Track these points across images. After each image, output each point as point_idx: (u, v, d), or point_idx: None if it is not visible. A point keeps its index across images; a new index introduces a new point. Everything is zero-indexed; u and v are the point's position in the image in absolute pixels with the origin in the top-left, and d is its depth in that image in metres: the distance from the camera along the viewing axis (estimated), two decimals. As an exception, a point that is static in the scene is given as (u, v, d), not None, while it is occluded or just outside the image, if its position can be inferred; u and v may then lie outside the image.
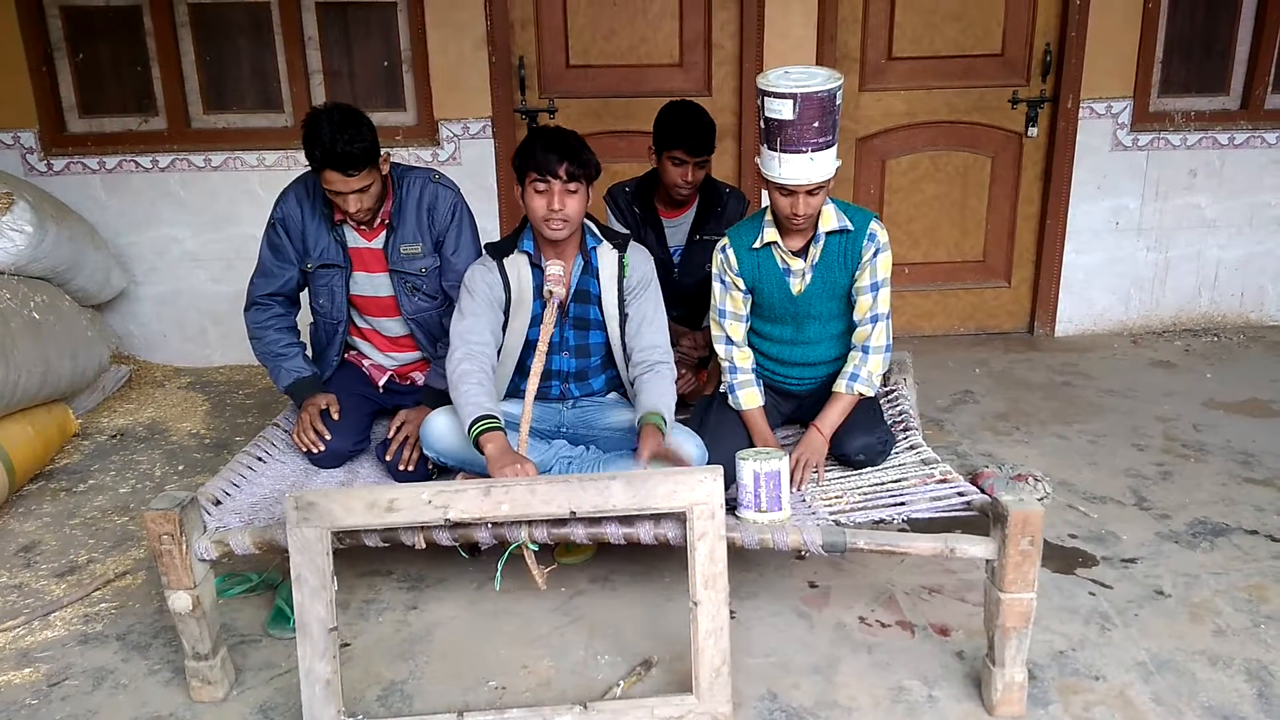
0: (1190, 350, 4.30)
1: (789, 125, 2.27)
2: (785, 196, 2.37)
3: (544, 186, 2.34)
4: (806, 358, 2.64)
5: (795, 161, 2.31)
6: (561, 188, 2.33)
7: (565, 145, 2.34)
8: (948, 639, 2.30)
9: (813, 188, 2.34)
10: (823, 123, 2.28)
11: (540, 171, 2.32)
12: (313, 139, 2.45)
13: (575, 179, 2.34)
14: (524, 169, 2.36)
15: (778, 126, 2.29)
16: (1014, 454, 3.27)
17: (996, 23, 4.17)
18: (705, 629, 1.94)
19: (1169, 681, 2.13)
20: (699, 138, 2.94)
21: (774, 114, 2.29)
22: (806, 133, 2.27)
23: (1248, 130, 4.31)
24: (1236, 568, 2.57)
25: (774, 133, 2.31)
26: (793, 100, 2.25)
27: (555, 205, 2.33)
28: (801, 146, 2.29)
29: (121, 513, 3.01)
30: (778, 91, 2.27)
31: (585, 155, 2.36)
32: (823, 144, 2.30)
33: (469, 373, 2.32)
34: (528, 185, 2.36)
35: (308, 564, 1.91)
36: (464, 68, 4.01)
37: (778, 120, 2.29)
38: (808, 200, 2.36)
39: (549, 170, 2.31)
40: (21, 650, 2.33)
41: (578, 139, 2.39)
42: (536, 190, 2.35)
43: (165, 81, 4.04)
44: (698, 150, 2.96)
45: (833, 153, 2.34)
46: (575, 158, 2.33)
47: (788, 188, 2.35)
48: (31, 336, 3.23)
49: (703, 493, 1.92)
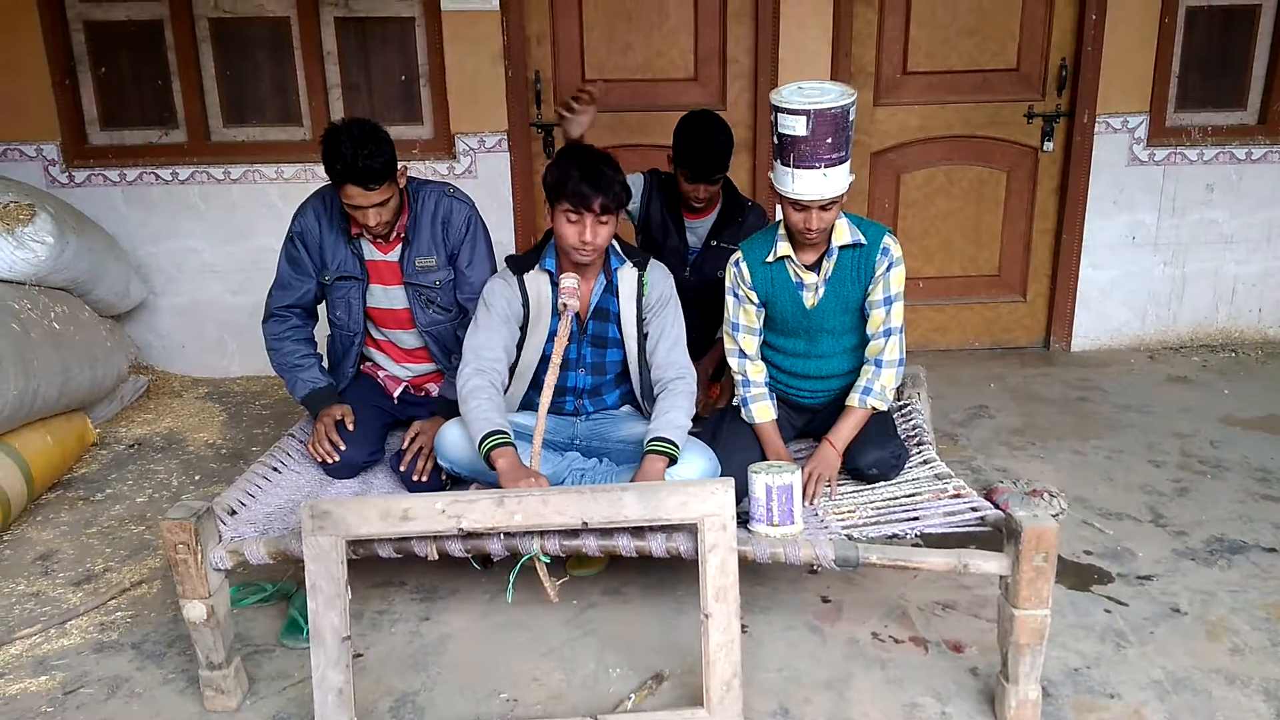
0: (1207, 366, 4.27)
1: (802, 141, 2.28)
2: (798, 212, 2.38)
3: (577, 218, 2.34)
4: (819, 371, 2.64)
5: (808, 177, 2.31)
6: (594, 220, 2.33)
7: (601, 178, 2.32)
8: (961, 655, 2.29)
9: (826, 203, 2.35)
10: (836, 139, 2.28)
11: (575, 204, 2.32)
12: (333, 154, 2.47)
13: (609, 211, 2.34)
14: (557, 196, 2.35)
15: (791, 142, 2.30)
16: (1029, 469, 3.26)
17: (1011, 38, 4.17)
18: (716, 642, 1.93)
19: (1185, 700, 2.11)
20: (705, 164, 2.95)
21: (787, 130, 2.30)
22: (820, 149, 2.28)
23: (1265, 145, 4.28)
24: (1254, 585, 2.55)
25: (787, 148, 2.32)
26: (806, 117, 2.25)
27: (587, 237, 2.34)
28: (815, 162, 2.29)
29: (138, 522, 3.04)
30: (791, 108, 2.27)
31: (619, 186, 2.35)
32: (836, 160, 2.30)
33: (479, 388, 2.33)
34: (559, 212, 2.36)
35: (323, 572, 1.93)
36: (480, 82, 4.04)
37: (791, 136, 2.29)
38: (821, 215, 2.37)
39: (584, 205, 2.31)
40: (38, 658, 2.35)
41: (610, 164, 2.38)
42: (569, 220, 2.35)
43: (185, 95, 4.09)
44: (702, 176, 2.96)
45: (846, 168, 2.35)
46: (609, 190, 2.32)
47: (801, 203, 2.35)
48: (51, 346, 3.27)
49: (714, 504, 1.93)
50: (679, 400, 2.44)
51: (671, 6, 4.08)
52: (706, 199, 3.04)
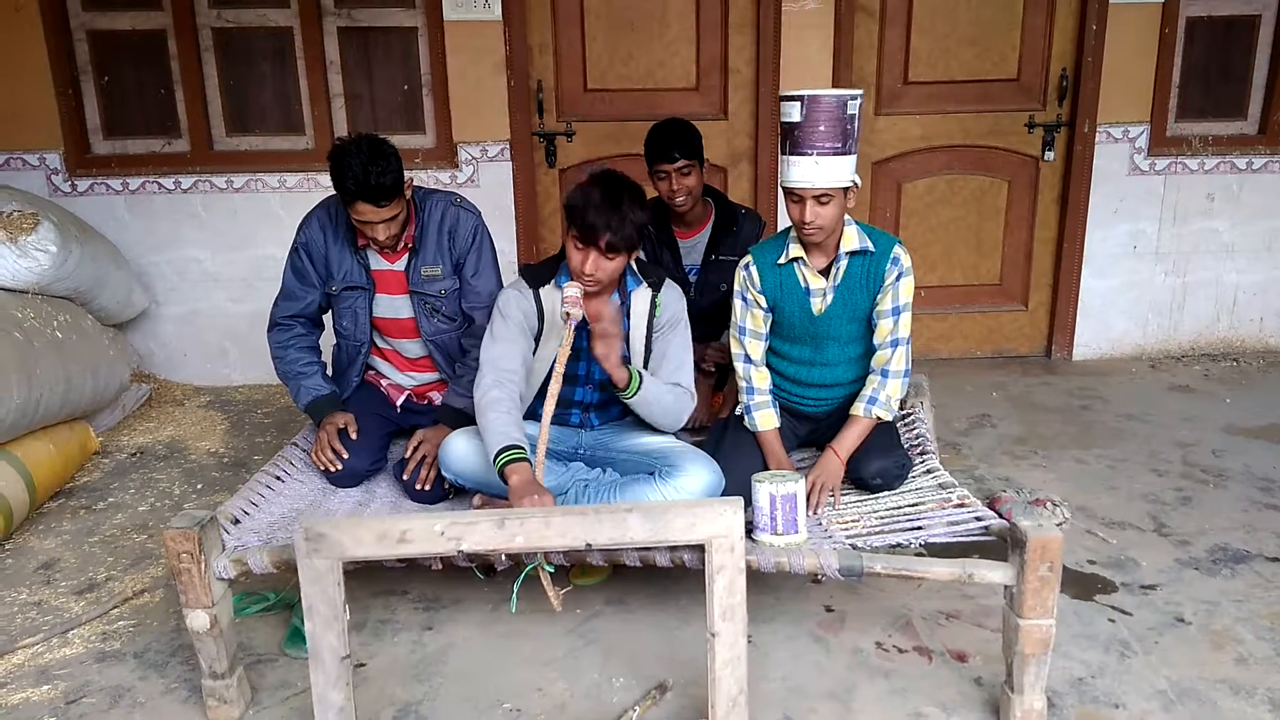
0: (1209, 375, 4.27)
1: (796, 128, 2.34)
2: (795, 204, 2.41)
3: (582, 247, 2.33)
4: (824, 379, 2.64)
5: (802, 164, 2.35)
6: (599, 254, 2.32)
7: (615, 215, 2.28)
8: (966, 665, 2.28)
9: (819, 194, 2.36)
10: (829, 128, 2.31)
11: (581, 235, 2.31)
12: (342, 172, 2.46)
13: (615, 251, 2.32)
14: (570, 220, 2.34)
15: (788, 129, 2.38)
16: (1032, 478, 3.26)
17: (1012, 48, 4.18)
18: (723, 659, 1.92)
19: (1190, 710, 2.10)
20: (667, 145, 2.97)
21: (785, 117, 2.38)
22: (812, 136, 2.33)
23: (1266, 155, 4.30)
24: (1258, 595, 2.54)
25: (785, 136, 2.39)
26: (800, 103, 2.33)
27: (589, 269, 2.33)
28: (807, 149, 2.33)
29: (140, 531, 3.03)
30: (789, 94, 2.38)
31: (632, 227, 2.31)
32: (829, 150, 2.33)
33: (498, 400, 2.30)
34: (570, 236, 2.35)
35: (319, 595, 1.90)
36: (483, 92, 4.05)
37: (788, 123, 2.37)
38: (815, 208, 2.37)
39: (590, 240, 2.30)
40: (40, 667, 2.34)
41: (634, 200, 2.33)
42: (575, 246, 2.34)
43: (189, 104, 4.10)
44: (668, 156, 2.97)
45: (843, 163, 2.35)
46: (620, 230, 2.28)
47: (795, 192, 2.39)
48: (54, 355, 3.27)
49: (722, 525, 1.89)
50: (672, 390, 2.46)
51: (673, 16, 4.10)
52: (685, 195, 3.04)
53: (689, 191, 3.04)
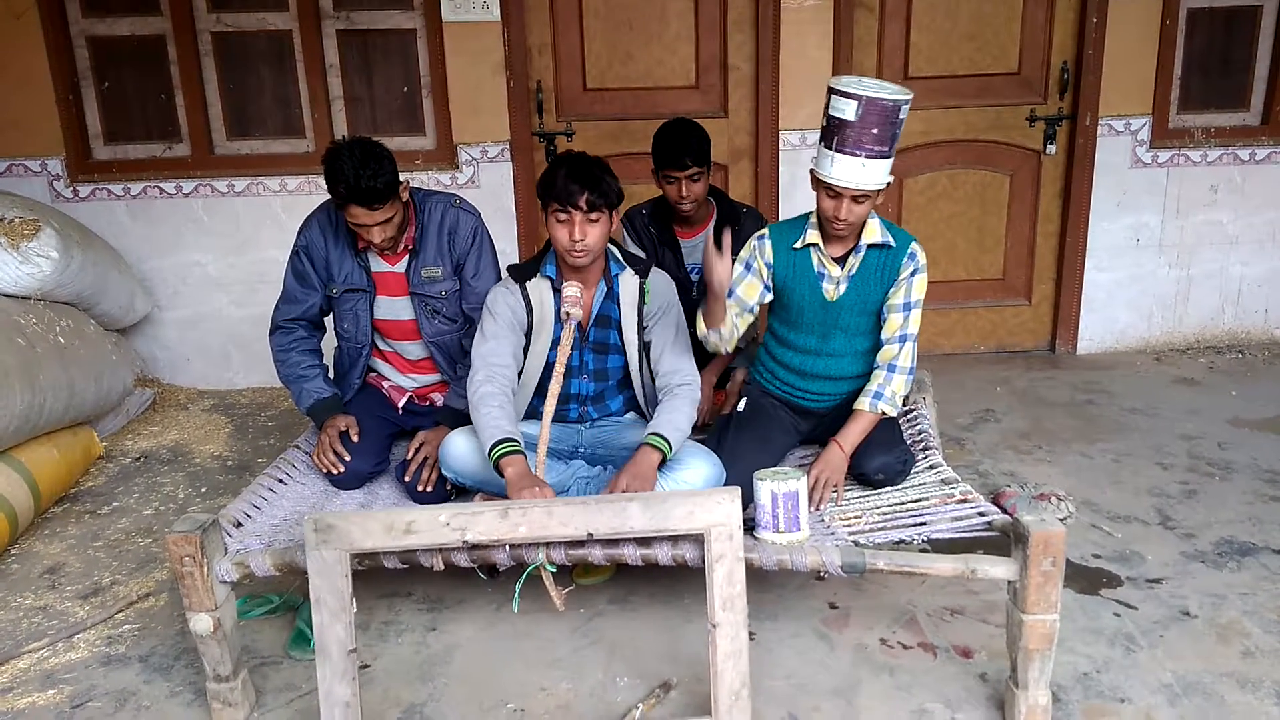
0: (1214, 368, 4.25)
1: (848, 126, 2.28)
2: (831, 199, 2.38)
3: (565, 217, 2.35)
4: (829, 371, 2.63)
5: (847, 163, 2.31)
6: (583, 218, 2.34)
7: (587, 174, 2.34)
8: (970, 661, 2.28)
9: (859, 194, 2.34)
10: (882, 131, 2.28)
11: (561, 202, 2.33)
12: (335, 176, 2.47)
13: (596, 209, 2.34)
14: (546, 198, 2.37)
15: (838, 125, 2.30)
16: (1036, 473, 3.24)
17: (1012, 42, 4.17)
18: (724, 651, 1.92)
19: (1196, 704, 2.10)
20: (679, 152, 2.96)
21: (837, 112, 2.30)
22: (864, 138, 2.28)
23: (1269, 146, 4.28)
24: (1265, 588, 2.53)
25: (833, 131, 2.31)
26: (857, 102, 2.26)
27: (576, 235, 2.34)
28: (856, 150, 2.29)
29: (144, 535, 3.04)
30: (845, 91, 2.28)
31: (606, 183, 2.36)
32: (877, 152, 2.30)
33: (490, 395, 2.33)
34: (550, 214, 2.37)
35: (327, 586, 1.92)
36: (482, 93, 4.05)
37: (839, 119, 2.29)
38: (851, 206, 2.36)
39: (570, 201, 2.32)
40: (46, 671, 2.35)
41: (600, 166, 2.39)
42: (558, 220, 2.36)
43: (189, 109, 4.11)
44: (680, 164, 2.97)
45: (886, 165, 2.34)
46: (596, 187, 2.33)
47: (834, 189, 2.35)
48: (57, 361, 3.27)
49: (721, 514, 1.91)
50: (681, 404, 2.43)
51: (672, 15, 4.09)
52: (693, 201, 3.03)
53: (697, 197, 3.05)
